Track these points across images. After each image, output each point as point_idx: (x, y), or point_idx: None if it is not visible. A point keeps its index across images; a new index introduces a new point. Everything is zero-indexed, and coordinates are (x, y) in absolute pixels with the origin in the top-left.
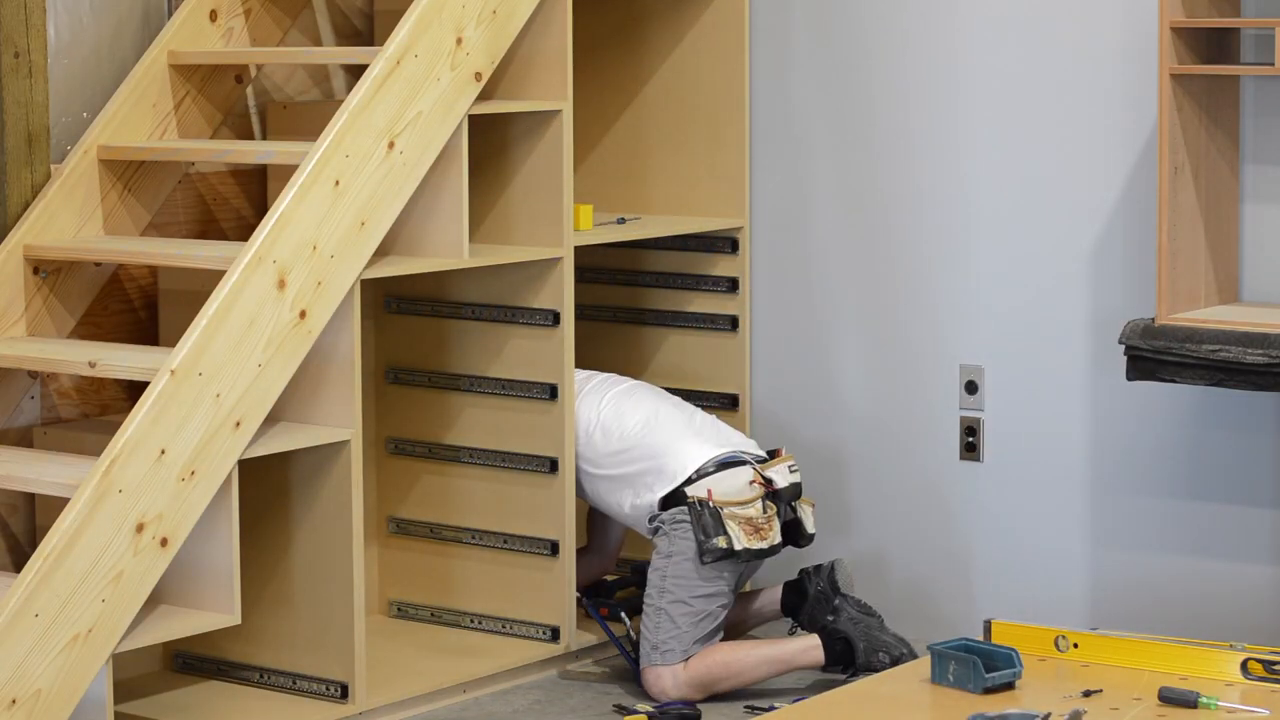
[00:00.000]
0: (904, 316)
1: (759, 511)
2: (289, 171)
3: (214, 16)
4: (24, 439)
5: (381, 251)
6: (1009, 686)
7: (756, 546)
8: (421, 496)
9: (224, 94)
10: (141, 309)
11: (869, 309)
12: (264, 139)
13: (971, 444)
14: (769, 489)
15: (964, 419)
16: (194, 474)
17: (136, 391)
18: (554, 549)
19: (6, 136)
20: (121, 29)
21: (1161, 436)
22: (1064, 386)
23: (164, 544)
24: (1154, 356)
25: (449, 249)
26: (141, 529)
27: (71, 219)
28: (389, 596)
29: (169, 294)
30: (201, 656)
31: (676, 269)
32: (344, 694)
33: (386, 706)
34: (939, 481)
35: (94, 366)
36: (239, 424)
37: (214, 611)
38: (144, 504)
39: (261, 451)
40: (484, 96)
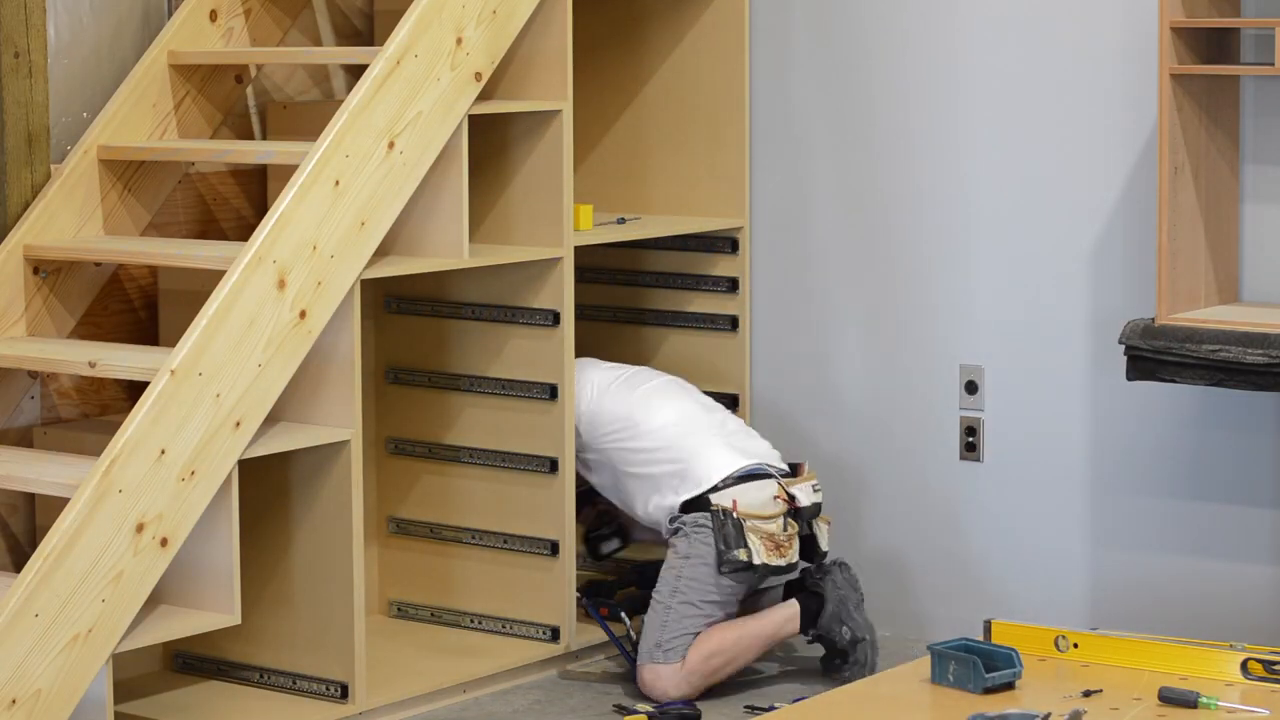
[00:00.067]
0: (904, 316)
1: (780, 528)
2: (289, 171)
3: (214, 16)
4: (24, 439)
5: (381, 251)
6: (1009, 686)
7: (775, 563)
8: (421, 496)
9: (224, 94)
10: (141, 309)
11: (869, 309)
12: (264, 139)
13: (971, 444)
14: (792, 506)
15: (964, 419)
16: (194, 474)
17: (136, 391)
18: (554, 549)
19: (6, 136)
20: (121, 29)
21: (1161, 436)
22: (1064, 386)
23: (164, 544)
24: (1154, 356)
25: (449, 249)
26: (141, 529)
27: (71, 219)
28: (389, 596)
29: (169, 294)
30: (201, 656)
31: (676, 269)
32: (344, 694)
33: (386, 706)
34: (939, 481)
35: (94, 366)
36: (239, 424)
37: (214, 611)
38: (144, 504)
39: (261, 451)
40: (484, 96)
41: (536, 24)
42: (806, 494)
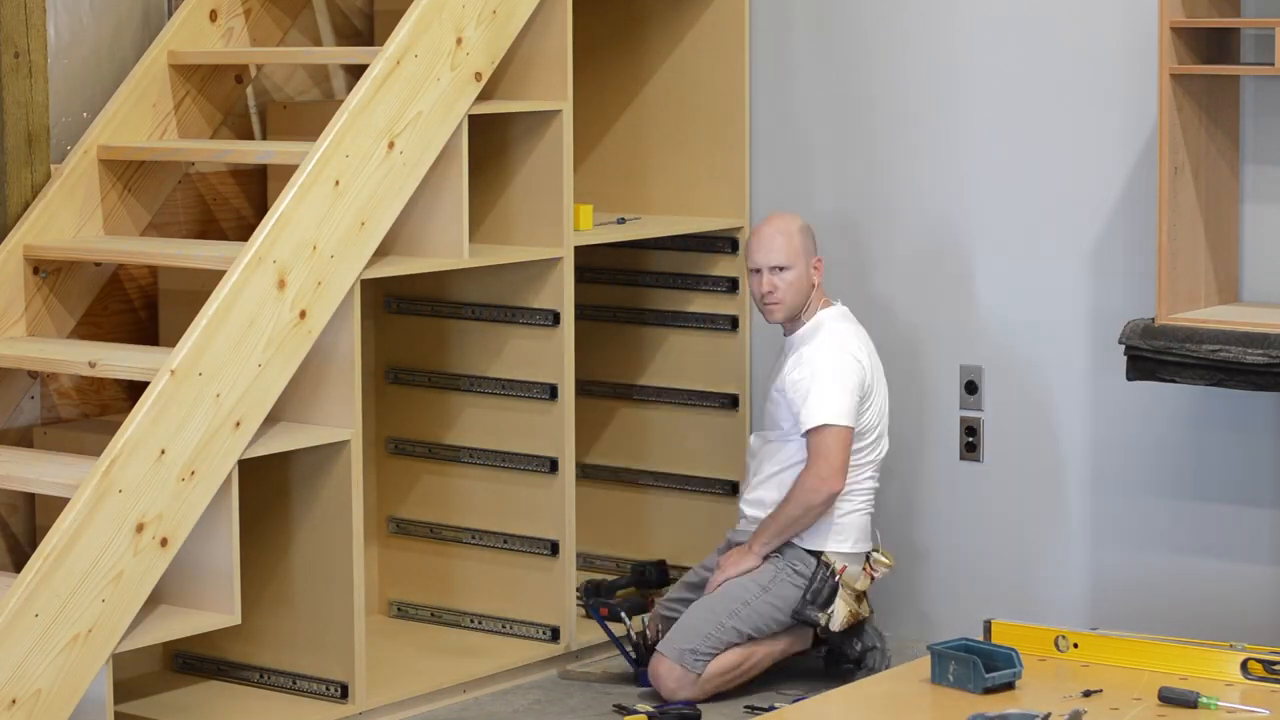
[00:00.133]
0: (904, 316)
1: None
2: (289, 171)
3: (214, 16)
4: (24, 439)
5: (381, 251)
6: (1009, 686)
7: (842, 631)
8: (421, 496)
9: (224, 94)
10: (141, 309)
11: (869, 309)
12: (264, 139)
13: (971, 444)
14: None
15: (964, 419)
16: (194, 474)
17: (136, 391)
18: (554, 549)
19: (6, 136)
20: (121, 29)
21: (1161, 436)
22: (1064, 386)
23: (164, 544)
24: (1154, 356)
25: (449, 249)
26: (141, 529)
27: (71, 219)
28: (389, 596)
29: (169, 294)
30: (201, 656)
31: (676, 269)
32: (344, 694)
33: (386, 706)
34: (939, 481)
35: (94, 366)
36: (239, 424)
37: (214, 611)
38: (144, 504)
39: (261, 451)
40: (484, 96)
41: (536, 24)
42: (881, 570)
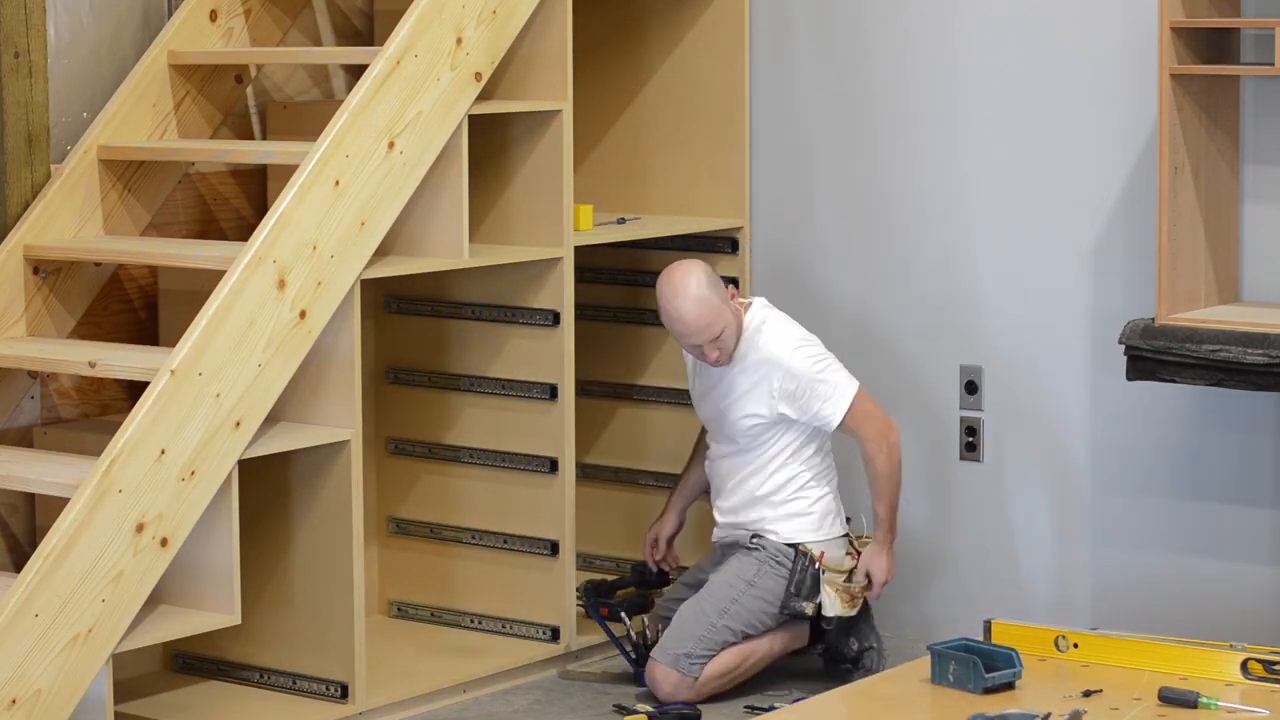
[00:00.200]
0: (904, 316)
1: (852, 581)
2: (289, 171)
3: (214, 16)
4: (24, 439)
5: (381, 251)
6: (1009, 686)
7: (847, 614)
8: (421, 496)
9: (224, 94)
10: (141, 309)
11: (869, 309)
12: (264, 139)
13: (971, 444)
14: (856, 559)
15: (964, 419)
16: (194, 474)
17: (136, 391)
18: (554, 549)
19: (6, 136)
20: (121, 29)
21: (1161, 436)
22: (1064, 386)
23: (164, 544)
24: (1154, 356)
25: (449, 249)
26: (141, 529)
27: (71, 219)
28: (389, 596)
29: (169, 294)
30: (201, 656)
31: None
32: (344, 694)
33: (386, 706)
34: (939, 481)
35: (94, 366)
36: (239, 424)
37: (214, 611)
38: (144, 504)
39: (261, 451)
40: (484, 96)
41: (536, 24)
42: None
